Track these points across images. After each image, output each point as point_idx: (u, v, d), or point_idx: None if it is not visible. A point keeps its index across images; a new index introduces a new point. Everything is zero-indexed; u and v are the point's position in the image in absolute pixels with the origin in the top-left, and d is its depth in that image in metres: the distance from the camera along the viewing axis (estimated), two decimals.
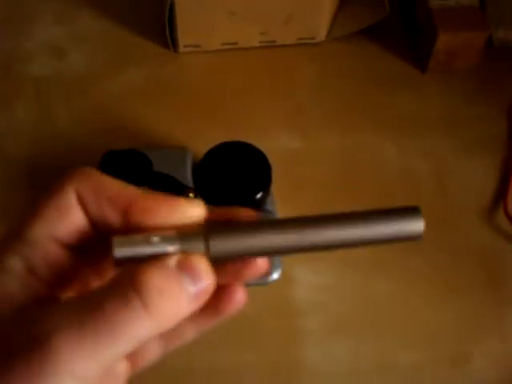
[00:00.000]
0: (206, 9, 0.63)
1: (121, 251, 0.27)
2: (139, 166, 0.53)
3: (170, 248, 0.27)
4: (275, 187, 0.54)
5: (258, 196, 0.51)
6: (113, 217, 0.28)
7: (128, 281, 0.25)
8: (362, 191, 0.60)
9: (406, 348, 0.53)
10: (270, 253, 0.29)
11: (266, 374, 0.52)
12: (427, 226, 0.60)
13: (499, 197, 0.60)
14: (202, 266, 0.27)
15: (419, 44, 0.67)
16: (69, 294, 0.29)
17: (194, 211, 0.28)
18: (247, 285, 0.30)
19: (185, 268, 0.27)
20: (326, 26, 0.67)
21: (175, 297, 0.26)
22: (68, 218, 0.28)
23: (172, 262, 0.26)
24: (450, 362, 0.53)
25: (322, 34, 0.67)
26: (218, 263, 0.28)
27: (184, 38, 0.65)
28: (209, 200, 0.50)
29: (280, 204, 0.56)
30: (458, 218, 0.59)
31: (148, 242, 0.27)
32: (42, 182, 0.58)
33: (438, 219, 0.59)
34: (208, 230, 0.28)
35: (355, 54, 0.68)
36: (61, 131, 0.61)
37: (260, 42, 0.67)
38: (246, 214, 0.29)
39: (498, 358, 0.53)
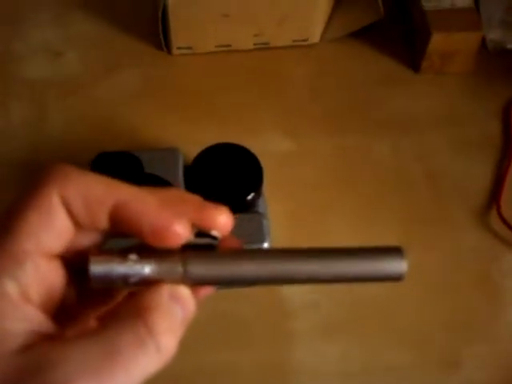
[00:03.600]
0: (199, 11, 0.62)
1: (98, 270, 0.27)
2: (130, 167, 0.53)
3: (147, 268, 0.27)
4: (267, 189, 0.54)
5: (249, 197, 0.51)
6: (102, 220, 0.27)
7: (142, 325, 0.26)
8: (354, 192, 0.60)
9: (396, 350, 0.53)
10: (247, 283, 0.29)
11: (255, 375, 0.51)
12: (420, 225, 0.60)
13: (493, 197, 0.60)
14: (188, 295, 0.28)
15: (413, 45, 0.67)
16: (66, 321, 0.28)
17: (182, 218, 0.27)
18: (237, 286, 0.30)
19: (176, 300, 0.27)
20: (320, 28, 0.67)
21: (179, 334, 0.27)
22: (54, 225, 0.26)
23: (165, 295, 0.27)
24: (440, 363, 0.53)
25: (316, 36, 0.67)
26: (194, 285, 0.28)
27: (177, 39, 0.65)
28: None
29: (272, 206, 0.56)
30: (451, 218, 0.59)
31: (125, 262, 0.27)
32: None
33: (431, 219, 0.59)
34: (186, 254, 0.28)
35: (349, 56, 0.67)
36: (54, 132, 0.61)
37: (254, 44, 0.67)
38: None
39: (488, 359, 0.53)
